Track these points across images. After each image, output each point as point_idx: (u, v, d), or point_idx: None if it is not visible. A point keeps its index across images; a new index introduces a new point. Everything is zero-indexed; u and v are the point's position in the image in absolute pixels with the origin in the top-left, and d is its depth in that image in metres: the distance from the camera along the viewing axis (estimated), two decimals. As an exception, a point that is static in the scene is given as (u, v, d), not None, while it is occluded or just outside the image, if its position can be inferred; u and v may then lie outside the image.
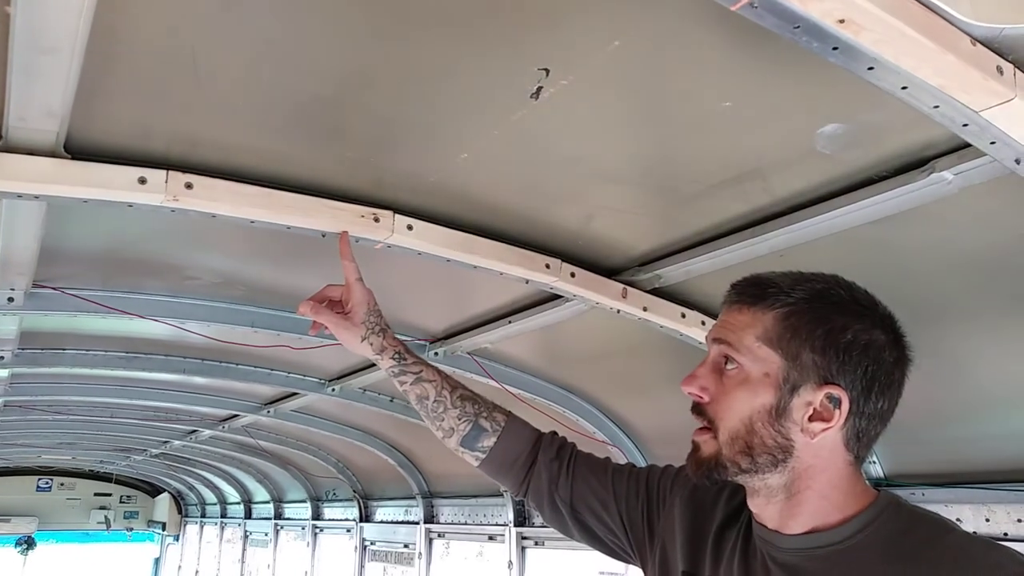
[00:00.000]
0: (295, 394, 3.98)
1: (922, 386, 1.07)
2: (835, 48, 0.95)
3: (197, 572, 10.77)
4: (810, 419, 0.99)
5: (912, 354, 1.04)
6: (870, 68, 0.99)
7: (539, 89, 1.29)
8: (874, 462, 2.30)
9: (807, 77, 1.23)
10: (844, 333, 0.99)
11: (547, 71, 1.25)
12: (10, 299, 2.18)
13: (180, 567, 11.57)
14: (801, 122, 1.35)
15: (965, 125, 1.10)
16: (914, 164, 1.40)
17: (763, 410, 1.00)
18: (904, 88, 1.02)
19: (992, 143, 1.13)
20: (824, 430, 0.99)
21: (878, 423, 1.02)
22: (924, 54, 0.95)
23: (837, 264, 1.15)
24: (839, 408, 0.98)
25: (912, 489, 2.21)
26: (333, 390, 3.67)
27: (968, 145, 1.23)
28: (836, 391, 0.98)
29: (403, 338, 2.80)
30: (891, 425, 1.05)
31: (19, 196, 1.42)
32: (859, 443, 1.01)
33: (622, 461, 1.50)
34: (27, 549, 11.40)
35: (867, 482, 1.07)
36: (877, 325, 1.01)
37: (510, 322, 2.44)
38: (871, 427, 1.01)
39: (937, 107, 1.06)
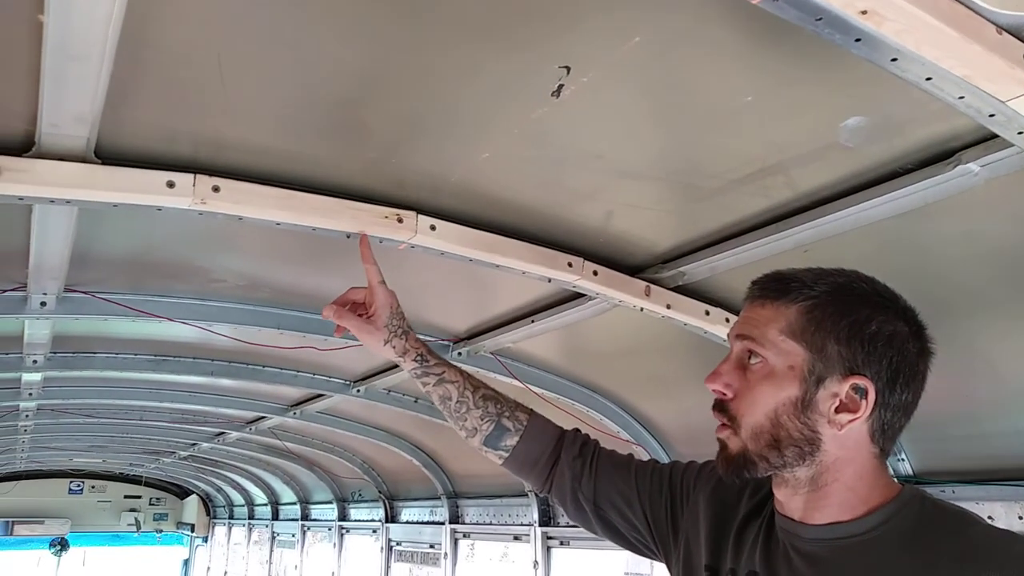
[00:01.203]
0: (320, 395, 4.02)
1: (952, 381, 1.07)
2: (858, 40, 0.95)
3: (226, 573, 10.89)
4: (837, 410, 0.99)
5: (934, 347, 1.03)
6: (893, 59, 0.99)
7: (560, 87, 1.29)
8: (903, 459, 2.27)
9: (829, 70, 1.22)
10: (868, 324, 0.99)
11: (568, 69, 1.25)
12: (43, 303, 2.23)
13: (209, 568, 11.70)
14: (824, 116, 1.35)
15: (992, 115, 1.09)
16: (939, 156, 1.38)
17: (788, 403, 1.00)
18: (928, 79, 1.02)
19: (1020, 133, 1.12)
20: (851, 421, 0.99)
21: (902, 415, 1.02)
22: (948, 44, 0.94)
23: (862, 258, 1.15)
24: (865, 399, 0.98)
25: (942, 486, 2.18)
26: (358, 391, 3.70)
27: (994, 136, 1.22)
28: (862, 381, 0.98)
29: (426, 339, 2.83)
30: (920, 421, 1.05)
31: (52, 201, 1.45)
32: (884, 435, 1.02)
33: (645, 459, 1.49)
34: (60, 550, 11.60)
35: (893, 476, 1.06)
36: (900, 317, 1.01)
37: (533, 321, 2.45)
38: (896, 419, 1.01)
39: (962, 98, 1.05)
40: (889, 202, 1.48)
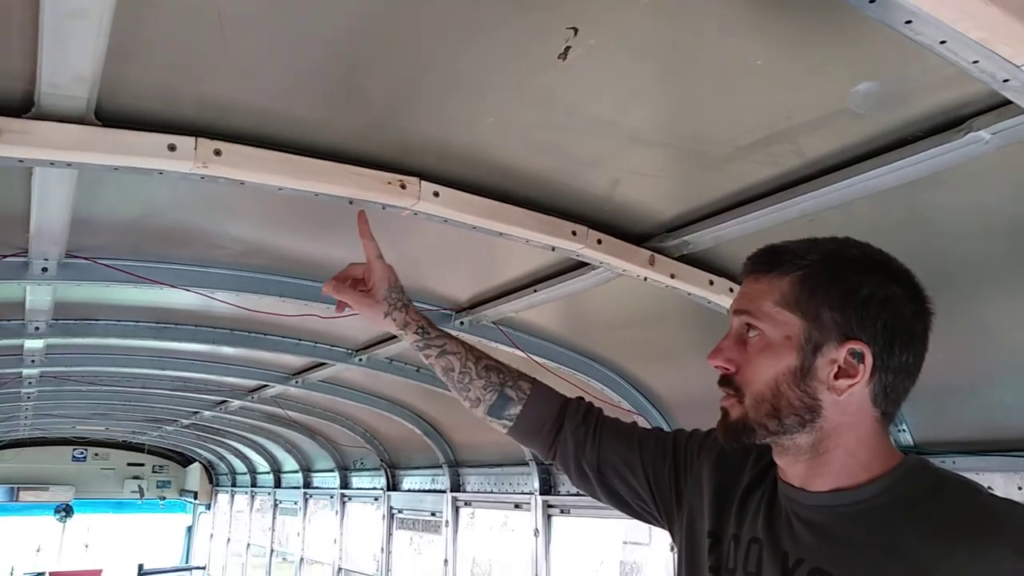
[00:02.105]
0: (322, 364, 4.03)
1: (954, 352, 1.06)
2: (872, 0, 0.93)
3: (229, 540, 11.02)
4: (836, 376, 1.00)
5: (933, 307, 1.03)
6: (908, 21, 0.97)
7: (567, 49, 1.27)
8: (904, 430, 2.28)
9: (842, 33, 1.20)
10: (860, 289, 1.00)
11: (575, 30, 1.23)
12: (44, 269, 2.23)
13: (212, 535, 11.84)
14: (835, 80, 1.33)
15: (1006, 81, 1.07)
16: (950, 123, 1.36)
17: (788, 372, 1.01)
18: (943, 42, 1.00)
19: (1033, 99, 1.10)
20: (851, 386, 1.00)
21: (905, 377, 1.02)
22: (965, 5, 0.92)
23: (869, 227, 1.14)
24: (863, 363, 0.99)
25: (943, 457, 2.18)
26: (360, 360, 3.71)
27: (1007, 103, 1.20)
28: (858, 346, 0.99)
29: (428, 308, 2.83)
30: (921, 392, 1.05)
31: (52, 164, 1.44)
32: (887, 399, 1.02)
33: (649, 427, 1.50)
34: (65, 517, 11.73)
35: (895, 446, 1.06)
36: (893, 279, 1.02)
37: (536, 291, 2.44)
38: (898, 381, 1.02)
39: (976, 62, 1.03)
40: (897, 170, 1.46)
